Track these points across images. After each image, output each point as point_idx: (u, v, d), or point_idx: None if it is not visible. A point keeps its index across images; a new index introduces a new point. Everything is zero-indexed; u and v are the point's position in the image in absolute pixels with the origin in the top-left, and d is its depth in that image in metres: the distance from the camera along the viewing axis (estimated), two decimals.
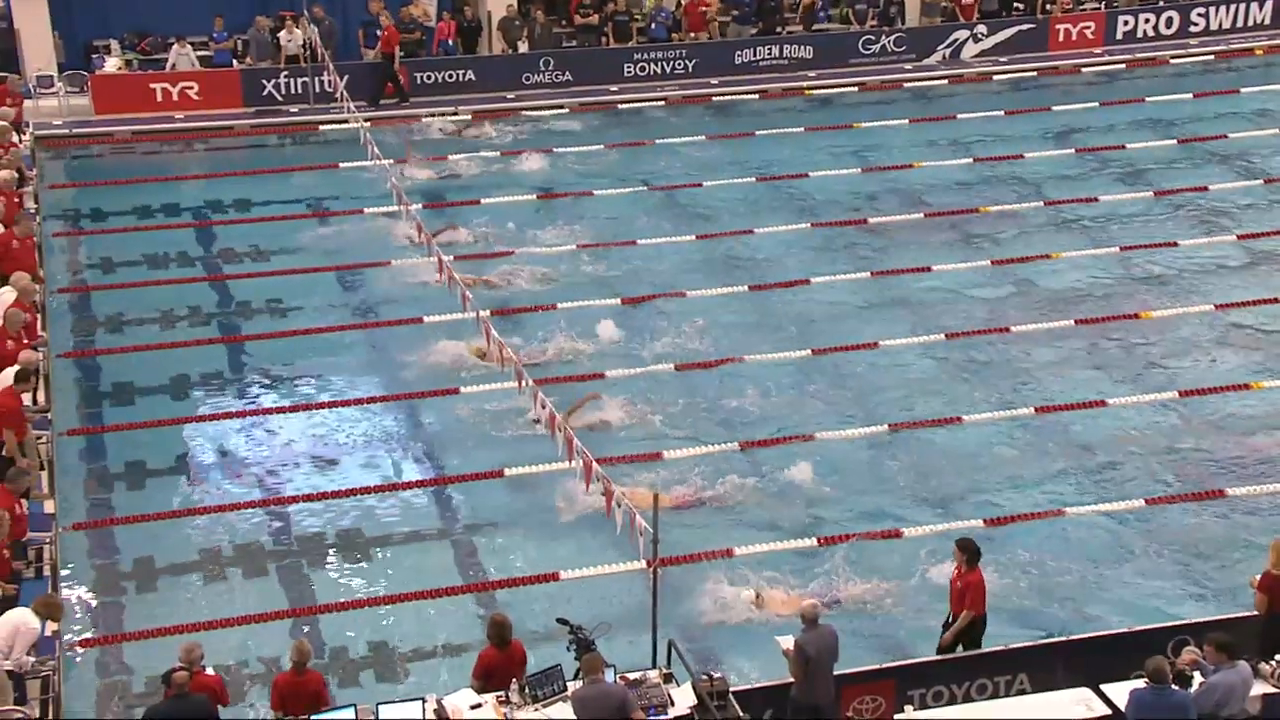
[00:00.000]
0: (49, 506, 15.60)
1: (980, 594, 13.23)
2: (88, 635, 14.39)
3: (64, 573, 14.88)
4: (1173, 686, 11.64)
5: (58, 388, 17.90)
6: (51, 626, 12.82)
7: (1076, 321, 20.67)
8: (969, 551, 13.29)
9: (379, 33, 28.21)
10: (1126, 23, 32.28)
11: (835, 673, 12.52)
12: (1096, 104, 29.39)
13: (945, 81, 30.52)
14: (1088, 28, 32.09)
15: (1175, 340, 20.29)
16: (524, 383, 16.38)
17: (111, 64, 28.05)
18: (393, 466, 17.29)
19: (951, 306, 21.18)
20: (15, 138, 22.74)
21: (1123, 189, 25.31)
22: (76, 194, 24.79)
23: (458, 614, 14.75)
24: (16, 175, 21.09)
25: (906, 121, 28.43)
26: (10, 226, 18.97)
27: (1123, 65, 31.57)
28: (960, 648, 13.41)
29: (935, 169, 26.04)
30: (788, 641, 12.47)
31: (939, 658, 13.34)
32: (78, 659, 13.99)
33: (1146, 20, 32.39)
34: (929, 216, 24.15)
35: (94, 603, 14.94)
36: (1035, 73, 31.08)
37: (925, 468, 17.34)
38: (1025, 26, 31.77)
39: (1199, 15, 32.56)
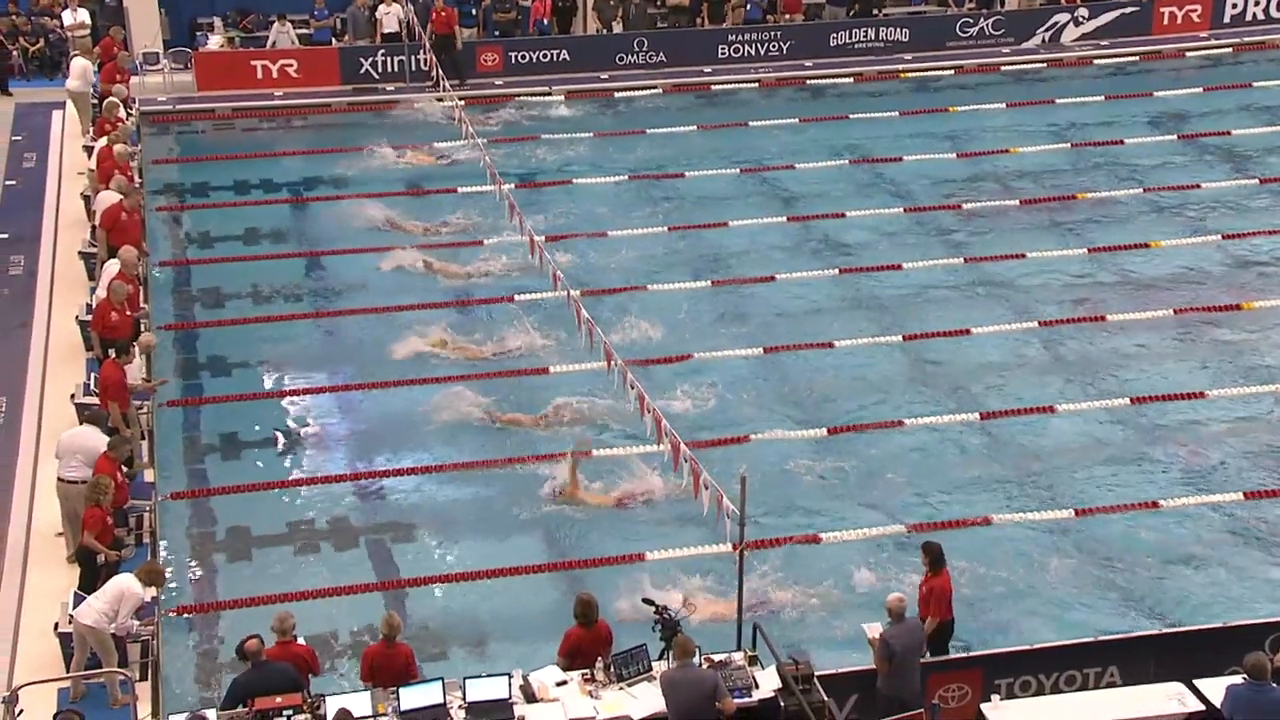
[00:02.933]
0: (149, 475, 16.00)
1: (944, 599, 12.89)
2: (185, 602, 14.73)
3: (163, 541, 15.22)
4: (1272, 684, 11.41)
5: (157, 359, 18.27)
6: (152, 593, 13.14)
7: (1175, 311, 20.29)
8: (931, 555, 12.94)
9: (437, 13, 28.04)
10: (1235, 5, 31.44)
11: (922, 660, 12.46)
12: (1200, 89, 28.74)
13: (1044, 65, 30.02)
14: (1194, 10, 31.32)
15: (1277, 331, 19.82)
16: (613, 363, 16.45)
17: (214, 41, 28.55)
18: (480, 443, 17.41)
19: (1046, 294, 20.88)
20: (123, 113, 23.24)
21: (1226, 176, 24.74)
22: (179, 169, 25.28)
23: (545, 592, 14.85)
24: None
25: (1004, 106, 28.01)
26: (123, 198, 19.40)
27: (1229, 49, 30.83)
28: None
29: (1032, 154, 25.65)
30: (874, 630, 12.41)
31: (1027, 647, 13.21)
32: (174, 624, 14.32)
33: (1256, 2, 31.54)
34: (1025, 203, 23.81)
35: (190, 570, 15.27)
36: (1137, 57, 30.45)
37: (1017, 456, 17.15)
38: (1128, 9, 31.08)
39: None
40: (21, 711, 11.06)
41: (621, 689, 12.10)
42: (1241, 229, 22.69)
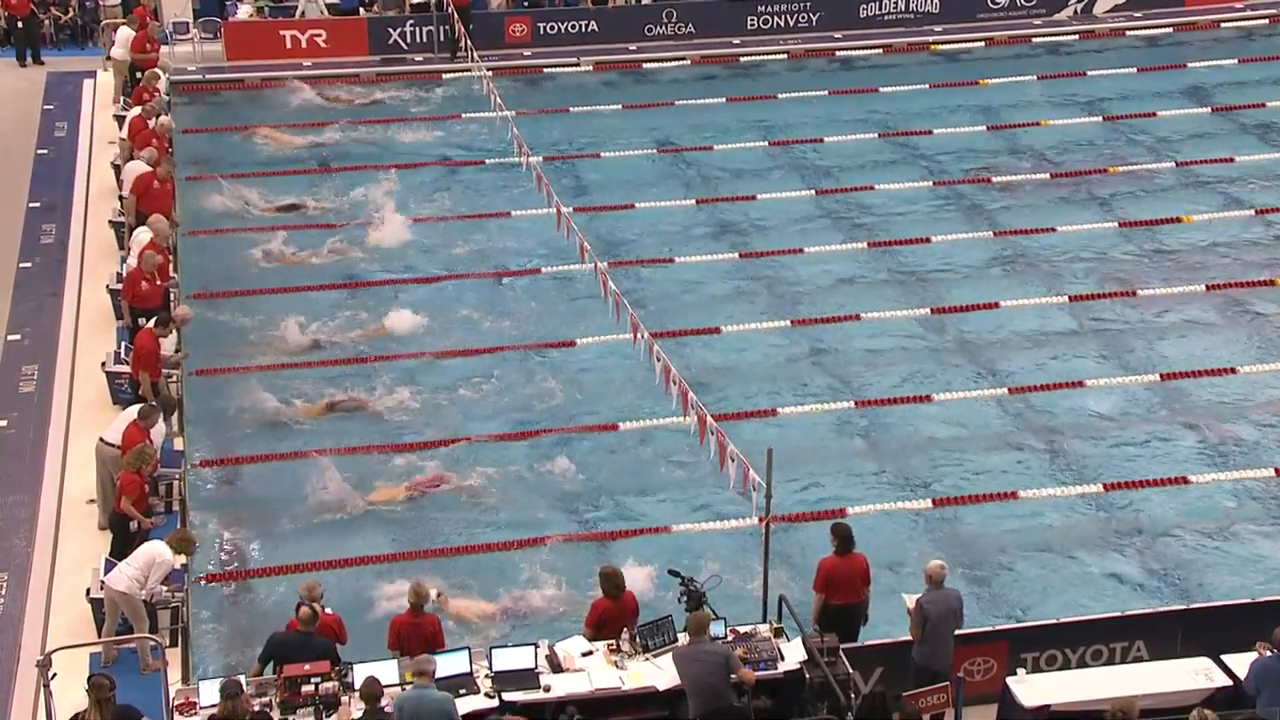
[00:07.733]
0: (178, 444, 16.10)
1: (819, 575, 12.67)
2: (214, 569, 14.84)
3: (192, 509, 15.34)
4: None
5: (185, 330, 18.34)
6: (181, 560, 13.25)
7: (1208, 287, 20.13)
8: (840, 536, 12.67)
9: None
10: None
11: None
12: (1235, 61, 28.43)
13: (1076, 37, 29.74)
14: None
15: None
16: (639, 335, 16.45)
17: (244, 11, 28.56)
18: (509, 415, 17.45)
19: (1076, 268, 20.75)
20: (162, 85, 23.31)
21: (1260, 149, 24.49)
22: (208, 138, 25.33)
23: (572, 563, 14.90)
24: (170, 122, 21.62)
25: (1035, 78, 27.76)
26: (155, 168, 19.47)
27: (1265, 21, 30.46)
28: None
29: (1063, 127, 25.45)
30: (912, 600, 12.41)
31: (1053, 621, 13.20)
32: (204, 591, 14.44)
33: None
34: (1055, 176, 23.64)
35: (219, 538, 15.38)
36: (1171, 28, 30.12)
37: (1047, 431, 17.09)
38: None
39: None
40: (54, 675, 11.21)
41: (647, 660, 12.14)
42: (1276, 203, 22.48)
